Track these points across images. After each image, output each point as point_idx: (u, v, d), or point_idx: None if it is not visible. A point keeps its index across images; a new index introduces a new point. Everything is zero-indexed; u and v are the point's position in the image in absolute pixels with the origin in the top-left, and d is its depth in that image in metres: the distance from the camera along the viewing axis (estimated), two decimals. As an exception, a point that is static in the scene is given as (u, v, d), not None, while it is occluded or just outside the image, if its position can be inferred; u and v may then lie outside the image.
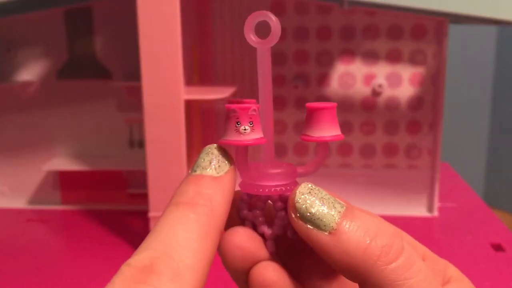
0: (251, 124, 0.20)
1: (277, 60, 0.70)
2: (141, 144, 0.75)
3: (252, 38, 0.20)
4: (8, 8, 0.64)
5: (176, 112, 0.55)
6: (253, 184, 0.21)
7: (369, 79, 0.69)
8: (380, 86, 0.69)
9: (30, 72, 0.74)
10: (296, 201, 0.19)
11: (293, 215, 0.19)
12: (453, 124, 1.72)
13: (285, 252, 0.22)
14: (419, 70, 0.68)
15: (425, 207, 0.71)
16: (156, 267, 0.16)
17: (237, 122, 0.20)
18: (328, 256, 0.19)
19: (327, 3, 0.67)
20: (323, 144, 0.21)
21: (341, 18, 0.68)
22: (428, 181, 0.70)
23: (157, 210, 0.58)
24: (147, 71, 0.54)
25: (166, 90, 0.54)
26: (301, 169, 0.22)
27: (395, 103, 0.69)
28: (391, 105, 0.70)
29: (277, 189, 0.21)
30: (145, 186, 0.58)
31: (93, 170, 0.73)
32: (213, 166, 0.19)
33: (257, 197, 0.21)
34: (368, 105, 0.70)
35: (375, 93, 0.69)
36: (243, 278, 0.21)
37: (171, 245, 0.17)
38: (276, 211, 0.21)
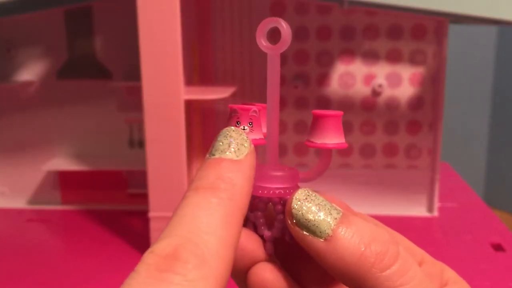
0: (250, 124, 0.21)
1: (277, 60, 0.70)
2: (141, 144, 0.75)
3: (263, 43, 0.21)
4: (8, 8, 0.64)
5: (176, 112, 0.55)
6: (255, 185, 0.21)
7: (369, 79, 0.69)
8: (380, 86, 0.69)
9: (30, 72, 0.74)
10: (292, 207, 0.19)
11: (290, 221, 0.19)
12: (453, 124, 1.72)
13: (285, 253, 0.22)
14: (419, 70, 0.68)
15: (425, 207, 0.71)
16: (181, 254, 0.16)
17: (237, 122, 0.21)
18: (323, 262, 0.19)
19: (327, 3, 0.67)
20: (326, 151, 0.22)
21: (341, 18, 0.68)
22: (428, 181, 0.70)
23: (157, 210, 0.58)
24: (147, 71, 0.54)
25: (166, 90, 0.54)
26: (303, 174, 0.22)
27: (395, 103, 0.70)
28: (391, 105, 0.70)
29: (276, 192, 0.21)
30: (145, 186, 0.57)
31: (93, 170, 0.73)
32: (232, 149, 0.19)
33: (259, 198, 0.21)
34: (368, 105, 0.70)
35: (375, 93, 0.69)
36: (242, 277, 0.21)
37: (194, 231, 0.16)
38: (276, 214, 0.21)
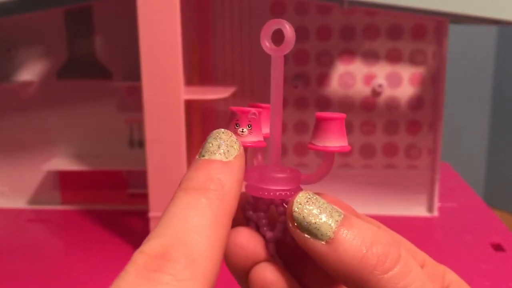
0: (249, 127, 0.21)
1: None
2: (141, 144, 0.75)
3: (267, 45, 0.21)
4: (8, 8, 0.64)
5: (176, 112, 0.55)
6: (258, 186, 0.21)
7: (369, 79, 0.69)
8: (380, 86, 0.69)
9: (30, 72, 0.74)
10: (293, 210, 0.19)
11: (291, 224, 0.19)
12: (453, 124, 1.72)
13: (287, 254, 0.22)
14: (419, 70, 0.68)
15: (425, 207, 0.71)
16: (170, 254, 0.16)
17: (236, 124, 0.21)
18: (325, 265, 0.19)
19: (327, 3, 0.67)
20: (329, 154, 0.22)
21: (341, 18, 0.68)
22: (428, 181, 0.70)
23: (157, 210, 0.58)
24: (147, 71, 0.54)
25: (166, 90, 0.54)
26: (305, 177, 0.22)
27: (395, 103, 0.69)
28: (391, 105, 0.70)
29: (277, 193, 0.21)
30: (145, 186, 0.58)
31: (93, 170, 0.73)
32: (221, 151, 0.19)
33: (261, 199, 0.21)
34: (368, 105, 0.70)
35: (375, 93, 0.69)
36: (244, 277, 0.21)
37: (184, 231, 0.16)
38: (278, 215, 0.21)
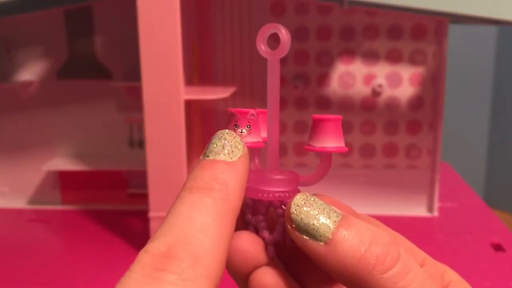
0: (248, 127, 0.21)
1: (277, 60, 0.70)
2: (141, 144, 0.75)
3: (263, 49, 0.21)
4: (8, 8, 0.64)
5: (176, 112, 0.55)
6: (256, 188, 0.21)
7: (369, 79, 0.69)
8: (380, 86, 0.69)
9: (30, 72, 0.74)
10: (291, 212, 0.19)
11: (289, 226, 0.20)
12: (453, 124, 1.72)
13: (287, 256, 0.22)
14: (419, 70, 0.68)
15: (425, 207, 0.71)
16: (175, 253, 0.16)
17: (235, 125, 0.21)
18: (324, 265, 0.19)
19: (327, 3, 0.67)
20: (326, 155, 0.22)
21: (341, 18, 0.68)
22: (428, 181, 0.70)
23: (157, 210, 0.57)
24: (147, 71, 0.54)
25: (166, 90, 0.54)
26: (303, 178, 0.22)
27: (395, 103, 0.69)
28: (391, 105, 0.70)
29: (275, 195, 0.21)
30: (145, 186, 0.57)
31: (93, 170, 0.73)
32: (226, 151, 0.19)
33: (260, 202, 0.21)
34: (368, 105, 0.70)
35: (375, 93, 0.69)
36: (245, 281, 0.21)
37: (188, 230, 0.16)
38: (277, 217, 0.21)
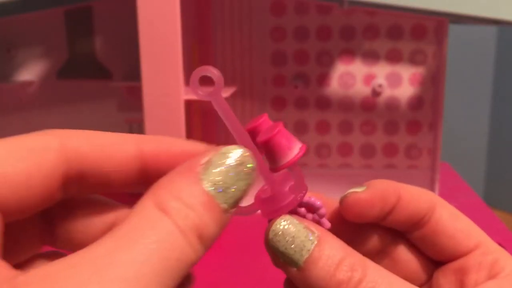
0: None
1: (277, 60, 0.70)
2: (141, 144, 0.75)
3: (200, 93, 0.20)
4: (8, 8, 0.64)
5: (176, 112, 0.55)
6: (271, 210, 0.21)
7: (369, 79, 0.69)
8: (380, 86, 0.69)
9: (30, 72, 0.74)
10: (270, 239, 0.21)
11: (267, 249, 0.21)
12: (453, 124, 1.72)
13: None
14: (419, 70, 0.68)
15: (425, 207, 0.71)
16: None
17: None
18: (298, 286, 0.21)
19: (327, 3, 0.67)
20: (293, 165, 0.21)
21: (341, 18, 0.68)
22: (428, 181, 0.70)
23: (157, 210, 0.57)
24: (147, 71, 0.54)
25: (166, 90, 0.54)
26: (290, 189, 0.22)
27: (395, 103, 0.70)
28: (391, 105, 0.70)
29: (290, 205, 0.21)
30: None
31: (93, 170, 0.72)
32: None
33: (293, 211, 0.22)
34: (368, 105, 0.70)
35: (375, 93, 0.69)
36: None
37: None
38: (304, 216, 0.22)
